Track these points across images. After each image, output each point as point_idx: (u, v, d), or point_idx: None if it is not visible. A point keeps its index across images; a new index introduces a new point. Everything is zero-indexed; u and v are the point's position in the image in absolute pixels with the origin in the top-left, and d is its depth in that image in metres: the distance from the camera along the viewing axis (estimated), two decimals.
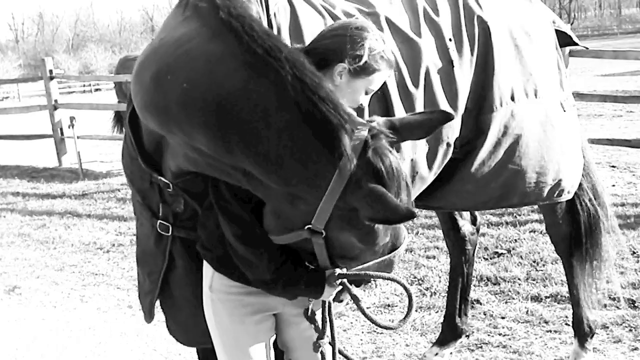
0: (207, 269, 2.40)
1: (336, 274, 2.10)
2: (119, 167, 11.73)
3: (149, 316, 2.74)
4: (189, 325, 2.61)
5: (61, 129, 12.29)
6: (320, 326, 2.35)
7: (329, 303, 2.32)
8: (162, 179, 2.35)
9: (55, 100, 12.35)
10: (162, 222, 2.44)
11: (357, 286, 2.23)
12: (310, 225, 1.96)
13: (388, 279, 2.13)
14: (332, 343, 2.38)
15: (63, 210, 8.89)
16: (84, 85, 44.95)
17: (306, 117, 1.88)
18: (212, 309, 2.39)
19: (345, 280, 2.12)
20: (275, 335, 2.51)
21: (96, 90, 44.57)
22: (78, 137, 11.42)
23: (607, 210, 3.66)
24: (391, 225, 1.95)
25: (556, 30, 3.34)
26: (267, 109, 1.90)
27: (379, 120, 2.00)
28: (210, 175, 2.19)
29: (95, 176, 11.05)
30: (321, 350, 2.36)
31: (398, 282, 2.14)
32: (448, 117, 2.09)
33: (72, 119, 11.16)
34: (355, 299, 2.14)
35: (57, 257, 6.95)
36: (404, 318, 2.13)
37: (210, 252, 2.36)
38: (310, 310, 2.38)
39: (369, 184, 1.85)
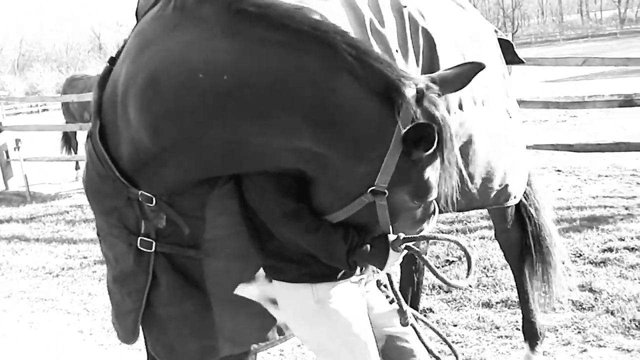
0: (302, 288, 2.33)
1: (401, 237, 2.15)
2: (68, 189, 11.55)
3: (131, 335, 2.54)
4: (175, 345, 2.49)
5: (7, 152, 12.03)
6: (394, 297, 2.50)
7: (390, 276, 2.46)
8: (145, 193, 2.28)
9: (0, 123, 12.09)
10: (143, 238, 2.37)
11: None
12: (373, 187, 2.02)
13: (447, 239, 2.24)
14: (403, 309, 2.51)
15: (10, 235, 8.68)
16: (31, 106, 43.98)
17: (364, 78, 1.97)
18: (327, 321, 2.32)
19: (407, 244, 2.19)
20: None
21: (44, 110, 43.66)
22: (24, 160, 11.20)
23: (549, 214, 3.74)
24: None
25: (499, 39, 3.40)
26: (321, 81, 1.97)
27: (421, 77, 2.10)
28: (245, 171, 2.22)
29: (43, 199, 10.84)
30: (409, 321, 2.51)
31: (455, 242, 2.24)
32: (480, 67, 2.18)
33: (17, 141, 10.97)
34: (423, 260, 2.26)
35: (4, 284, 6.78)
36: (467, 276, 2.22)
37: (301, 269, 2.32)
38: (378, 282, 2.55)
39: None
